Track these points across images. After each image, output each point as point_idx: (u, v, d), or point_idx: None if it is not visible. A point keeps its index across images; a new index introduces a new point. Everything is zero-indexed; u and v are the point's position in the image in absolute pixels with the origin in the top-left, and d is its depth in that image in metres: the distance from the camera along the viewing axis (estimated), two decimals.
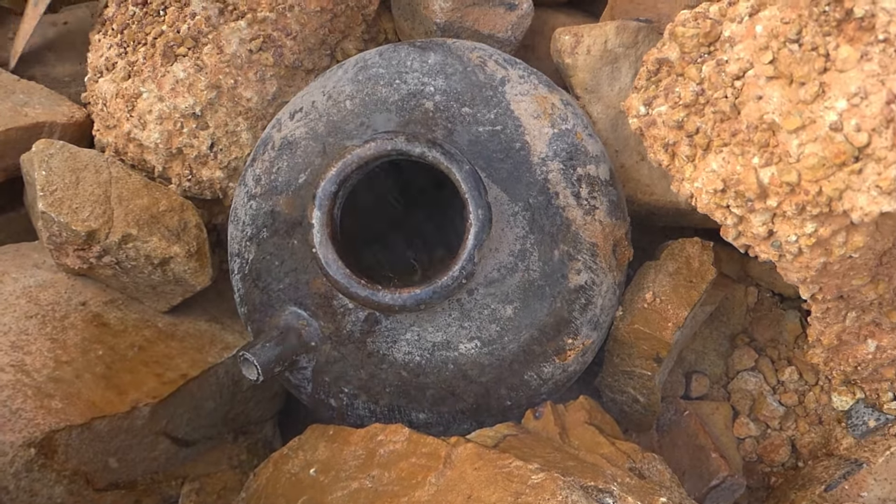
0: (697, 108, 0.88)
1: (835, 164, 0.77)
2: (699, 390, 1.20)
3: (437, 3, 1.17)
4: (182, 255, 1.11)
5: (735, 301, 1.22)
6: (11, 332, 1.07)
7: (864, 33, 0.76)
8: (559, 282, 0.99)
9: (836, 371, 1.07)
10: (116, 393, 1.04)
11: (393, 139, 0.95)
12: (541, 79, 1.07)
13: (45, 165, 1.10)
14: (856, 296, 0.94)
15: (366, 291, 0.94)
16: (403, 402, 1.02)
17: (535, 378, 1.01)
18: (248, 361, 0.92)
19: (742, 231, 0.87)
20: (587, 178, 1.02)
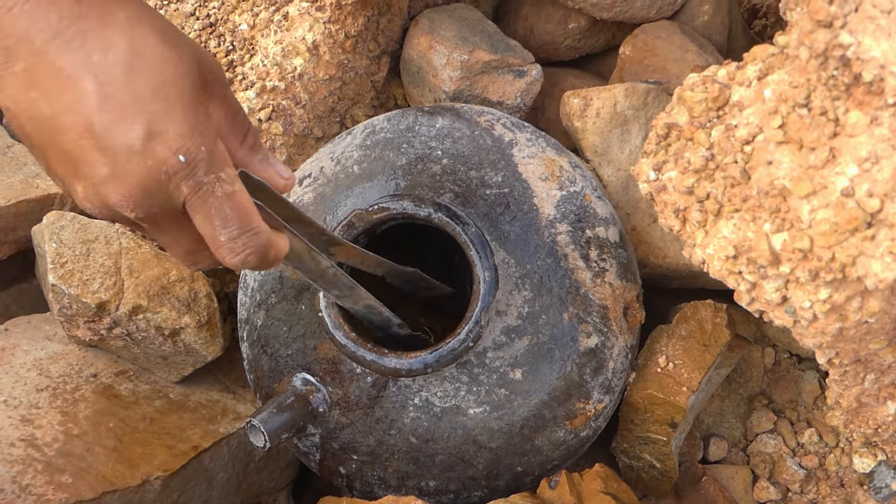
0: (707, 174, 0.88)
1: (847, 230, 0.76)
2: (718, 454, 1.18)
3: (447, 71, 1.18)
4: (193, 326, 1.11)
5: (752, 362, 1.21)
6: (22, 405, 1.06)
7: (873, 97, 0.75)
8: (569, 345, 0.98)
9: (856, 433, 1.05)
10: (127, 466, 1.04)
11: (399, 202, 0.96)
12: (549, 141, 1.07)
13: (55, 238, 1.10)
14: (874, 359, 0.92)
15: (372, 355, 0.94)
16: (412, 468, 1.00)
17: (546, 444, 1.00)
18: (255, 428, 0.91)
19: (755, 297, 0.86)
20: (596, 241, 1.01)
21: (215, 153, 0.66)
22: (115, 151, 0.62)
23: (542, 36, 1.33)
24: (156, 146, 0.63)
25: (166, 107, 0.64)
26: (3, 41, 0.61)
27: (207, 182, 0.66)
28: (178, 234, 0.69)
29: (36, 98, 0.62)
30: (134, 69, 0.63)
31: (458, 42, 1.19)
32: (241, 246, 0.68)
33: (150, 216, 0.66)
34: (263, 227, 0.69)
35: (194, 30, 1.20)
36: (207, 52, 0.71)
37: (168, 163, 0.63)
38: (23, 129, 0.65)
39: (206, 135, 0.65)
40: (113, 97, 0.62)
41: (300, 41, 1.15)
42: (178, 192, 0.65)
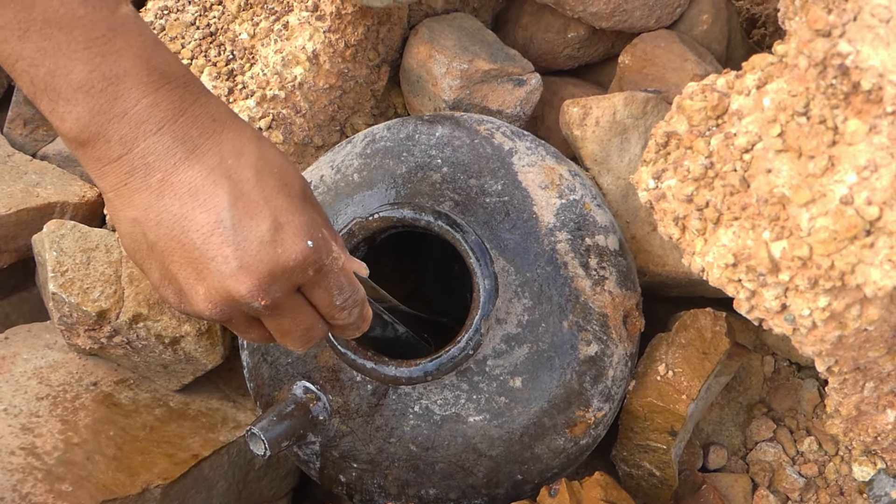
0: (707, 182, 0.88)
1: (846, 237, 0.76)
2: (717, 462, 1.18)
3: (446, 80, 1.18)
4: (193, 334, 1.11)
5: (751, 370, 1.21)
6: (22, 413, 1.06)
7: (872, 106, 0.75)
8: (569, 353, 0.98)
9: (856, 441, 1.05)
10: (128, 475, 1.04)
11: (399, 210, 0.96)
12: (548, 150, 1.07)
13: (56, 246, 1.10)
14: (873, 367, 0.92)
15: (372, 364, 0.94)
16: (412, 476, 1.00)
17: (546, 452, 1.00)
18: (255, 436, 0.92)
19: (755, 305, 0.86)
20: (596, 249, 1.01)
21: (325, 236, 0.74)
22: (247, 244, 0.69)
23: (541, 45, 1.33)
24: (284, 236, 0.70)
25: (290, 202, 0.71)
26: (146, 157, 0.68)
27: (328, 263, 0.74)
28: (297, 314, 0.75)
29: (168, 203, 0.68)
30: (262, 171, 0.71)
31: (457, 51, 1.19)
32: (351, 303, 0.77)
33: (275, 302, 0.72)
34: (359, 283, 0.79)
35: (194, 39, 1.20)
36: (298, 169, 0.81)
37: (296, 250, 0.70)
38: (146, 238, 0.70)
39: (318, 223, 0.74)
40: (245, 195, 0.69)
41: (300, 50, 1.15)
42: (304, 276, 0.72)
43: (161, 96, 0.68)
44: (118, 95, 0.66)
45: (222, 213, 0.68)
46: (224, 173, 0.69)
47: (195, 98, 0.70)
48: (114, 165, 0.68)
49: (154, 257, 0.71)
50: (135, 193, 0.69)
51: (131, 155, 0.68)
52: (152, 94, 0.67)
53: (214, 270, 0.69)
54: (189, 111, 0.69)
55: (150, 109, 0.67)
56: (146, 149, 0.68)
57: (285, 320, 0.75)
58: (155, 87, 0.68)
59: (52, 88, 0.66)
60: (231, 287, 0.69)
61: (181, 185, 0.68)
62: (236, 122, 0.73)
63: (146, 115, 0.67)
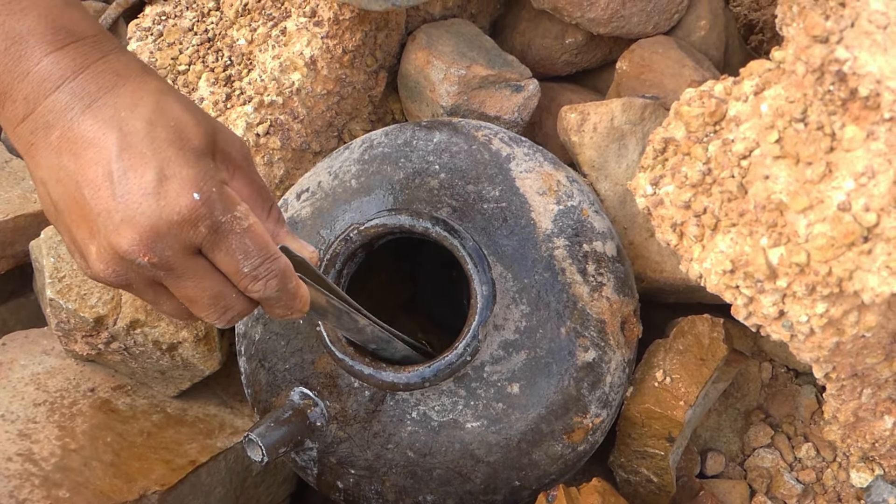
0: (704, 188, 0.88)
1: (844, 244, 0.76)
2: (715, 468, 1.18)
3: (444, 86, 1.18)
4: (190, 340, 1.11)
5: (749, 377, 1.21)
6: (19, 420, 1.06)
7: (869, 112, 0.76)
8: (566, 359, 0.98)
9: (853, 447, 1.05)
10: (125, 481, 1.03)
11: (397, 216, 0.96)
12: (546, 156, 1.07)
13: (53, 252, 1.10)
14: (870, 373, 0.92)
15: (370, 370, 0.94)
16: (410, 482, 1.00)
17: (544, 458, 1.00)
18: (252, 442, 0.91)
19: (752, 311, 0.86)
20: (594, 255, 1.01)
21: (226, 194, 0.69)
22: (129, 196, 0.65)
23: (539, 51, 1.33)
24: (168, 187, 0.66)
25: (180, 154, 0.67)
26: (45, 116, 0.67)
27: (225, 220, 0.68)
28: (200, 280, 0.70)
29: (66, 161, 0.67)
30: (155, 123, 0.67)
31: (455, 57, 1.19)
32: (264, 271, 0.71)
33: (164, 260, 0.68)
34: (279, 253, 0.72)
35: (192, 45, 1.20)
36: (231, 131, 0.75)
37: (181, 202, 0.66)
38: (51, 198, 0.69)
39: (215, 178, 0.69)
40: (132, 146, 0.66)
41: (298, 56, 1.15)
42: (195, 234, 0.67)
43: (63, 54, 0.67)
44: (21, 55, 0.66)
45: (111, 165, 0.66)
46: (115, 125, 0.67)
47: (102, 55, 0.69)
48: (21, 126, 0.68)
49: (61, 219, 0.70)
50: (39, 153, 0.68)
51: (34, 115, 0.67)
52: (54, 53, 0.67)
53: (101, 226, 0.67)
54: (91, 67, 0.68)
55: (51, 67, 0.66)
56: (46, 107, 0.67)
57: (187, 284, 0.70)
58: (58, 45, 0.67)
59: None
60: (115, 242, 0.67)
61: (76, 141, 0.67)
62: (142, 77, 0.70)
63: (47, 73, 0.66)
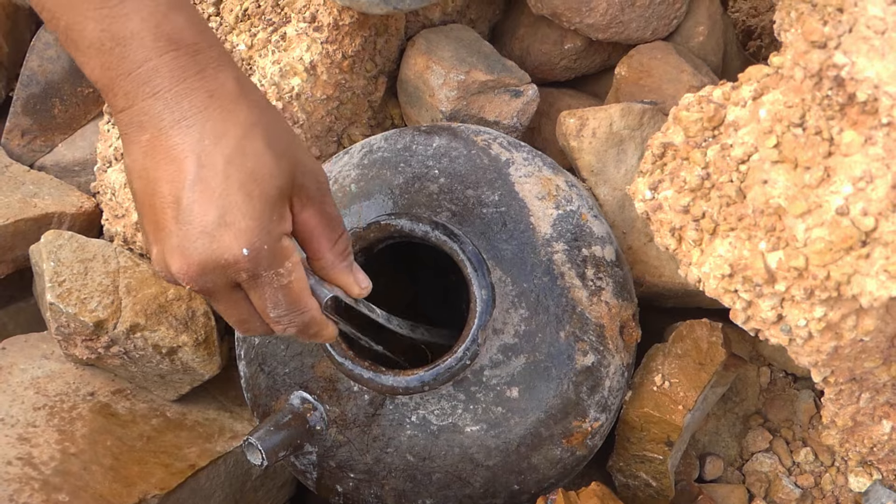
0: (703, 193, 0.88)
1: (842, 248, 0.77)
2: (713, 473, 1.18)
3: (443, 91, 1.18)
4: (190, 344, 1.11)
5: (748, 381, 1.21)
6: (19, 424, 1.06)
7: (867, 117, 0.76)
8: (565, 363, 0.98)
9: (852, 452, 1.05)
10: (124, 485, 1.03)
11: (397, 220, 0.96)
12: (545, 161, 1.07)
13: (53, 257, 1.10)
14: (869, 378, 0.93)
15: (369, 373, 0.94)
16: (409, 486, 1.00)
17: (543, 462, 1.00)
18: (252, 446, 0.92)
19: (751, 315, 0.86)
20: (592, 259, 1.02)
21: (277, 250, 0.74)
22: (189, 228, 0.71)
23: (538, 56, 1.33)
24: (224, 233, 0.71)
25: (246, 202, 0.71)
26: (139, 116, 0.71)
27: (266, 276, 0.74)
28: (231, 307, 0.77)
29: (148, 165, 0.71)
30: (233, 162, 0.71)
31: (454, 62, 1.19)
32: (286, 321, 0.78)
33: (204, 290, 0.74)
34: (311, 307, 0.79)
35: None
36: (316, 164, 0.79)
37: (231, 251, 0.71)
38: (132, 186, 0.74)
39: (272, 234, 0.73)
40: (205, 181, 0.70)
41: (298, 61, 1.15)
42: (236, 276, 0.73)
43: (163, 62, 0.70)
44: (124, 56, 0.70)
45: (181, 191, 0.70)
46: (197, 153, 0.71)
47: (200, 69, 0.72)
48: (120, 116, 0.72)
49: (137, 207, 0.75)
50: (131, 144, 0.72)
51: (131, 111, 0.71)
52: (155, 59, 0.70)
53: (163, 240, 0.72)
54: (188, 82, 0.71)
55: (151, 73, 0.70)
56: (142, 108, 0.71)
57: (220, 306, 0.78)
58: (159, 53, 0.70)
59: (71, 40, 0.71)
60: (168, 260, 0.72)
61: (161, 152, 0.71)
62: (234, 104, 0.73)
63: (146, 77, 0.70)
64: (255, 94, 0.76)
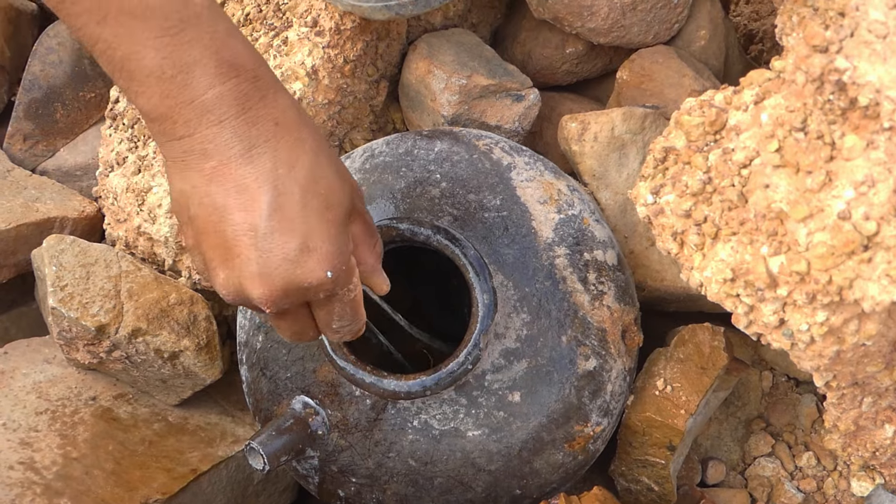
0: (705, 197, 0.88)
1: (844, 252, 0.77)
2: (716, 477, 1.18)
3: (445, 96, 1.18)
4: (192, 349, 1.11)
5: (750, 386, 1.21)
6: (21, 428, 1.06)
7: (869, 121, 0.76)
8: (567, 368, 0.98)
9: (854, 456, 1.05)
10: (126, 489, 1.03)
11: (398, 225, 0.96)
12: (547, 165, 1.07)
13: (55, 261, 1.10)
14: (871, 382, 0.93)
15: (371, 378, 0.94)
16: (411, 491, 1.00)
17: (545, 466, 1.00)
18: (254, 451, 0.92)
19: (753, 320, 0.86)
20: (594, 264, 1.02)
21: (350, 269, 0.77)
22: (271, 255, 0.72)
23: (539, 61, 1.33)
24: (308, 259, 0.73)
25: (325, 228, 0.74)
26: (205, 144, 0.71)
27: (341, 293, 0.78)
28: (295, 322, 0.80)
29: (215, 190, 0.72)
30: (308, 190, 0.73)
31: (456, 67, 1.19)
32: (346, 330, 0.82)
33: (280, 311, 0.77)
34: (364, 313, 0.83)
35: None
36: (354, 179, 0.81)
37: (315, 276, 0.73)
38: (188, 210, 0.74)
39: (346, 254, 0.76)
40: (283, 209, 0.72)
41: (299, 66, 1.15)
42: (314, 297, 0.76)
43: (227, 89, 0.71)
44: (187, 83, 0.70)
45: (258, 220, 0.71)
46: (272, 181, 0.72)
47: (262, 96, 0.73)
48: (176, 143, 0.72)
49: (191, 227, 0.75)
50: (189, 170, 0.73)
51: (192, 139, 0.71)
52: (219, 86, 0.71)
53: (236, 266, 0.73)
54: (253, 110, 0.72)
55: (216, 101, 0.71)
56: (206, 136, 0.71)
57: (284, 323, 0.80)
58: (222, 80, 0.71)
59: (128, 70, 0.70)
60: (246, 286, 0.74)
61: (230, 180, 0.71)
62: (299, 131, 0.75)
63: (211, 105, 0.70)
64: (309, 119, 0.77)
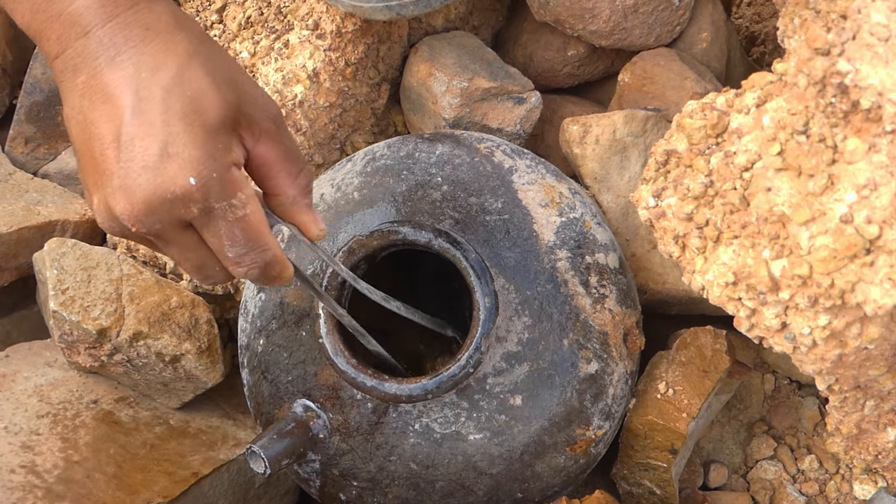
0: (707, 200, 0.88)
1: (846, 256, 0.76)
2: (718, 480, 1.18)
3: (446, 98, 1.18)
4: (193, 352, 1.11)
5: (752, 389, 1.21)
6: (22, 432, 1.06)
7: (871, 125, 0.76)
8: (569, 371, 0.98)
9: (856, 460, 1.05)
10: (128, 493, 1.03)
11: (399, 228, 0.96)
12: (548, 168, 1.07)
13: (56, 264, 1.10)
14: (873, 385, 0.92)
15: (372, 381, 0.94)
16: (413, 495, 1.00)
17: (546, 470, 1.00)
18: (255, 455, 0.92)
19: (755, 323, 0.86)
20: (596, 267, 1.01)
21: (227, 179, 0.69)
22: (131, 164, 0.67)
23: (541, 63, 1.33)
24: (169, 165, 0.66)
25: (190, 132, 0.67)
26: (75, 59, 0.68)
27: (218, 207, 0.69)
28: (186, 250, 0.73)
29: (86, 106, 0.68)
30: (172, 92, 0.67)
31: (457, 69, 1.19)
32: (248, 261, 0.73)
33: (153, 232, 0.70)
34: (272, 245, 0.73)
35: None
36: (265, 96, 0.75)
37: (177, 183, 0.67)
38: (71, 134, 0.70)
39: (220, 161, 0.68)
40: (144, 113, 0.67)
41: (301, 69, 1.15)
42: (186, 212, 0.69)
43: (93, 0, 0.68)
44: None
45: (121, 128, 0.67)
46: (133, 86, 0.67)
47: (132, 4, 0.69)
48: (54, 63, 0.69)
49: (77, 157, 0.71)
50: (68, 92, 0.69)
51: (65, 55, 0.68)
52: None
53: (104, 184, 0.68)
54: (121, 17, 0.68)
55: (82, 11, 0.67)
56: (75, 50, 0.68)
57: (172, 251, 0.73)
58: None
59: None
60: (111, 204, 0.68)
61: (97, 91, 0.68)
62: (171, 34, 0.70)
63: (77, 16, 0.67)
64: (193, 27, 0.72)
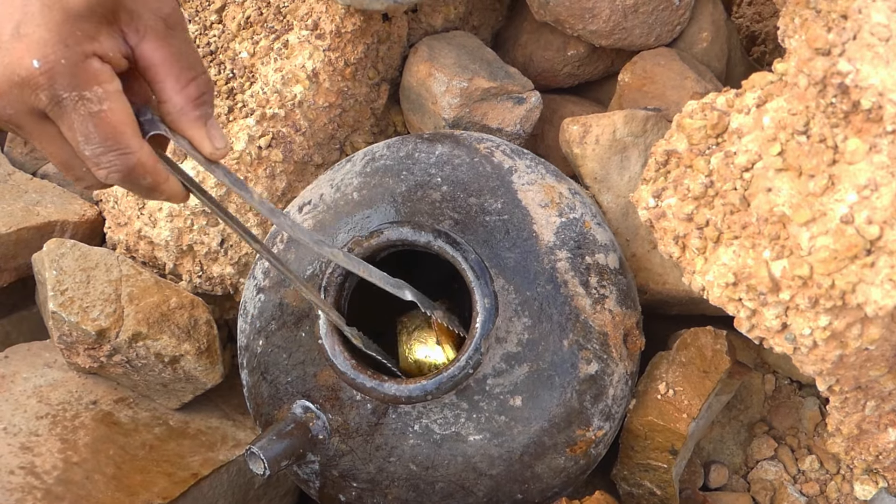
0: (707, 201, 0.88)
1: (847, 257, 0.76)
2: (718, 481, 1.18)
3: (446, 98, 1.18)
4: (192, 353, 1.11)
5: (752, 389, 1.21)
6: (22, 433, 1.06)
7: (871, 125, 0.75)
8: (569, 372, 0.98)
9: (857, 460, 1.05)
10: (127, 494, 1.03)
11: (399, 229, 0.96)
12: (548, 168, 1.07)
13: (55, 265, 1.10)
14: (874, 386, 0.92)
15: (372, 382, 0.94)
16: (413, 496, 1.00)
17: (546, 471, 1.00)
18: (255, 456, 0.91)
19: (755, 324, 0.86)
20: (596, 267, 1.01)
21: (80, 69, 0.65)
22: None
23: (541, 63, 1.33)
24: (17, 46, 0.63)
25: (44, 12, 0.63)
26: None
27: (67, 97, 0.65)
28: (47, 143, 0.69)
29: None
30: None
31: (457, 69, 1.19)
32: (105, 162, 0.68)
33: (7, 118, 0.67)
34: (135, 148, 0.68)
35: None
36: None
37: (22, 65, 0.63)
38: None
39: (73, 49, 0.64)
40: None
41: (300, 69, 1.15)
42: (35, 100, 0.65)
43: None
44: None
45: None
46: None
47: None
48: None
49: None
50: None
51: None
52: None
53: None
54: None
55: None
56: None
57: (35, 142, 0.69)
58: None
59: None
60: None
61: None
62: None
63: None
64: None
